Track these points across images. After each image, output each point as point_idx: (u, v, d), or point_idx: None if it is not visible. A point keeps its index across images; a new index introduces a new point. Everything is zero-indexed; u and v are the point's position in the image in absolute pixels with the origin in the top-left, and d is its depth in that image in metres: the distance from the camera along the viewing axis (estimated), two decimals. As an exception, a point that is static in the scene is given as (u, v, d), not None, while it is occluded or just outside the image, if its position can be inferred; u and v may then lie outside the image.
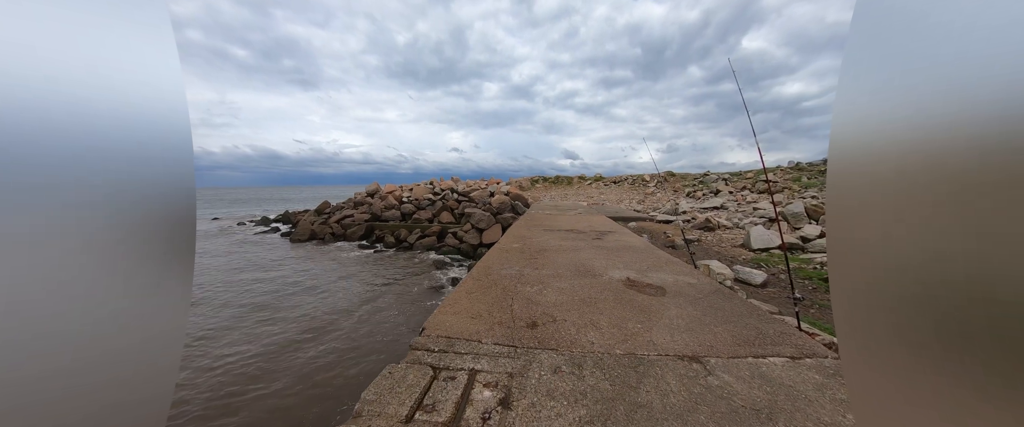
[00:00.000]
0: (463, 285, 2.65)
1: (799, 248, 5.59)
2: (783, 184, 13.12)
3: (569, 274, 2.94)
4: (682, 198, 15.17)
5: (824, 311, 3.20)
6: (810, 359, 1.63)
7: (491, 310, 2.14)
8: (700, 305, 2.26)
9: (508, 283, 2.67)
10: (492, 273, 2.95)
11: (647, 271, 3.09)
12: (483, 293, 2.46)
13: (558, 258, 3.55)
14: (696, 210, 10.82)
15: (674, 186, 19.54)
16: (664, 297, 2.41)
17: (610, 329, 1.88)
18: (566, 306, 2.21)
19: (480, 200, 14.60)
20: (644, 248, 4.17)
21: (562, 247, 4.16)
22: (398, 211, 14.58)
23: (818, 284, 3.88)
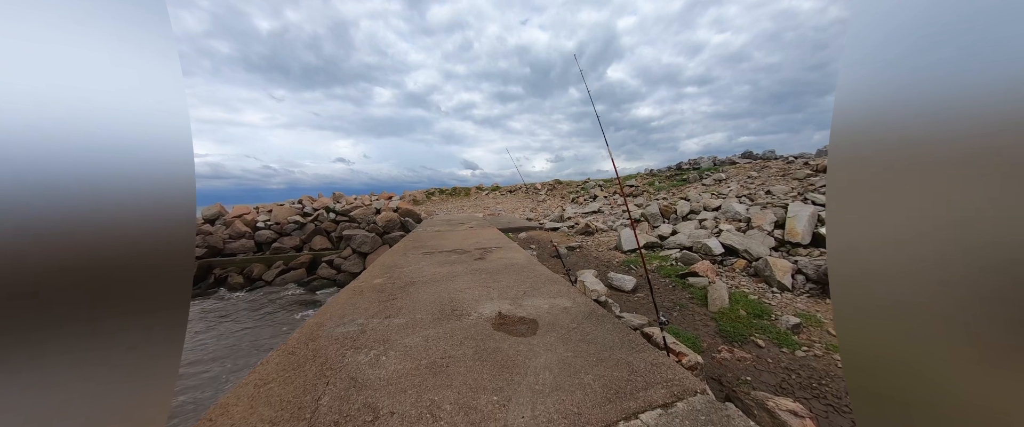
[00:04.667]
0: (262, 367, 1.77)
1: (658, 246, 6.31)
2: (642, 188, 15.52)
3: (429, 320, 2.35)
4: (568, 204, 16.47)
5: (683, 313, 3.41)
6: (681, 402, 1.43)
7: (283, 412, 1.37)
8: (572, 340, 1.96)
9: (335, 352, 1.91)
10: (320, 335, 2.13)
11: (523, 297, 2.74)
12: (288, 377, 1.65)
13: (424, 295, 2.92)
14: (579, 215, 11.71)
15: (562, 193, 21.24)
16: (535, 336, 2.04)
17: (455, 415, 1.35)
18: (406, 381, 1.60)
19: (364, 219, 12.80)
20: (526, 265, 3.91)
21: (435, 277, 3.55)
22: (251, 240, 11.53)
23: (676, 282, 4.27)
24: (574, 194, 19.25)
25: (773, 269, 4.12)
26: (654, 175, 18.36)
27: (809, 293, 3.86)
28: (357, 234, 11.10)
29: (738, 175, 12.52)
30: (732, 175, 12.83)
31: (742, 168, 13.49)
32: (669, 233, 6.82)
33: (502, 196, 23.75)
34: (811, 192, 7.71)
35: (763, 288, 4.04)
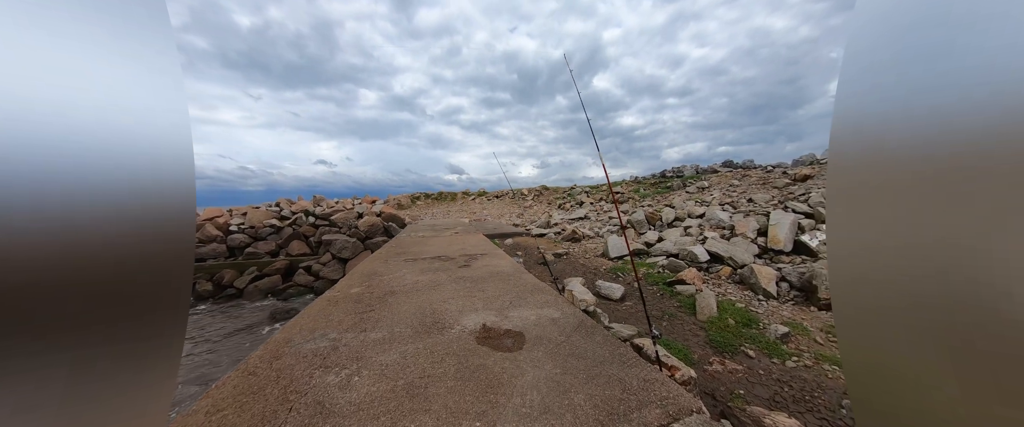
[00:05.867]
0: (216, 391, 1.57)
1: (645, 253, 6.31)
2: (628, 195, 15.70)
3: (409, 333, 2.18)
4: (555, 210, 16.47)
5: (673, 322, 3.35)
6: (677, 424, 1.33)
7: (229, 452, 1.19)
8: (560, 355, 1.84)
9: (301, 371, 1.72)
10: (286, 353, 1.93)
11: (509, 308, 2.61)
12: (245, 403, 1.46)
13: (404, 306, 2.75)
14: (565, 222, 11.69)
15: (548, 199, 21.27)
16: (521, 351, 1.91)
17: (433, 446, 1.20)
18: (379, 406, 1.44)
19: (345, 224, 12.39)
20: (512, 273, 3.78)
21: (418, 285, 3.38)
22: (222, 244, 10.95)
23: (664, 290, 4.22)
24: (561, 200, 19.31)
25: (758, 277, 4.14)
26: (639, 182, 18.63)
27: (794, 301, 3.88)
28: (337, 239, 10.72)
29: (720, 183, 12.83)
30: (714, 183, 13.14)
31: (724, 176, 13.84)
32: (655, 240, 6.84)
33: (489, 201, 23.60)
34: (791, 200, 7.93)
35: (749, 296, 4.05)
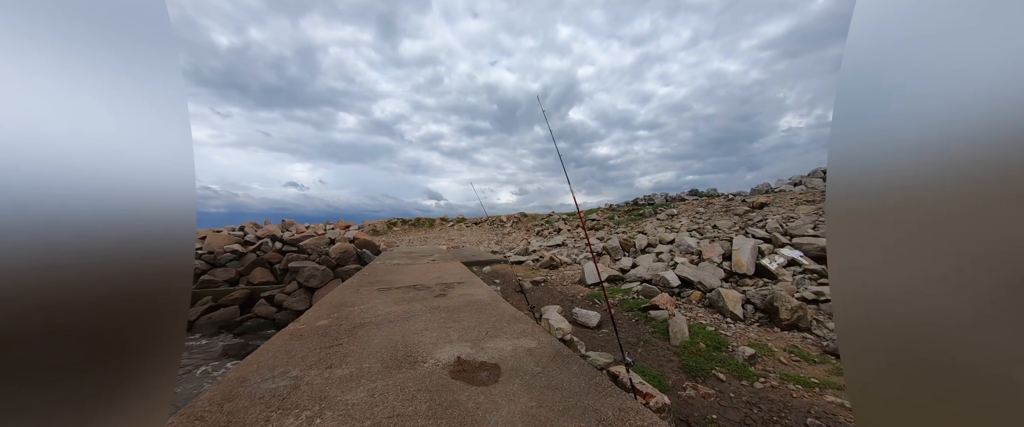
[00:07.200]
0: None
1: (620, 279, 6.43)
2: (603, 221, 16.15)
3: (379, 369, 2.08)
4: (533, 237, 16.58)
5: (647, 348, 3.39)
6: (650, 455, 1.32)
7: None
8: (536, 387, 1.81)
9: (256, 415, 1.59)
10: (240, 393, 1.78)
11: (485, 339, 2.56)
12: (185, 457, 1.31)
13: (375, 339, 2.63)
14: (544, 249, 11.77)
15: (527, 226, 21.44)
16: (497, 384, 1.86)
17: (400, 493, 1.13)
18: (342, 450, 1.34)
19: (315, 250, 11.83)
20: (490, 302, 3.73)
21: (390, 316, 3.25)
22: (175, 275, 10.06)
23: (638, 316, 4.29)
24: (539, 227, 19.51)
25: (726, 300, 4.31)
26: (614, 209, 19.26)
27: (759, 322, 4.05)
28: (305, 266, 10.17)
29: (687, 210, 13.51)
30: (682, 210, 13.82)
31: (690, 204, 14.61)
32: (630, 266, 7.01)
33: (467, 228, 23.43)
34: (751, 226, 8.45)
35: (718, 319, 4.19)
